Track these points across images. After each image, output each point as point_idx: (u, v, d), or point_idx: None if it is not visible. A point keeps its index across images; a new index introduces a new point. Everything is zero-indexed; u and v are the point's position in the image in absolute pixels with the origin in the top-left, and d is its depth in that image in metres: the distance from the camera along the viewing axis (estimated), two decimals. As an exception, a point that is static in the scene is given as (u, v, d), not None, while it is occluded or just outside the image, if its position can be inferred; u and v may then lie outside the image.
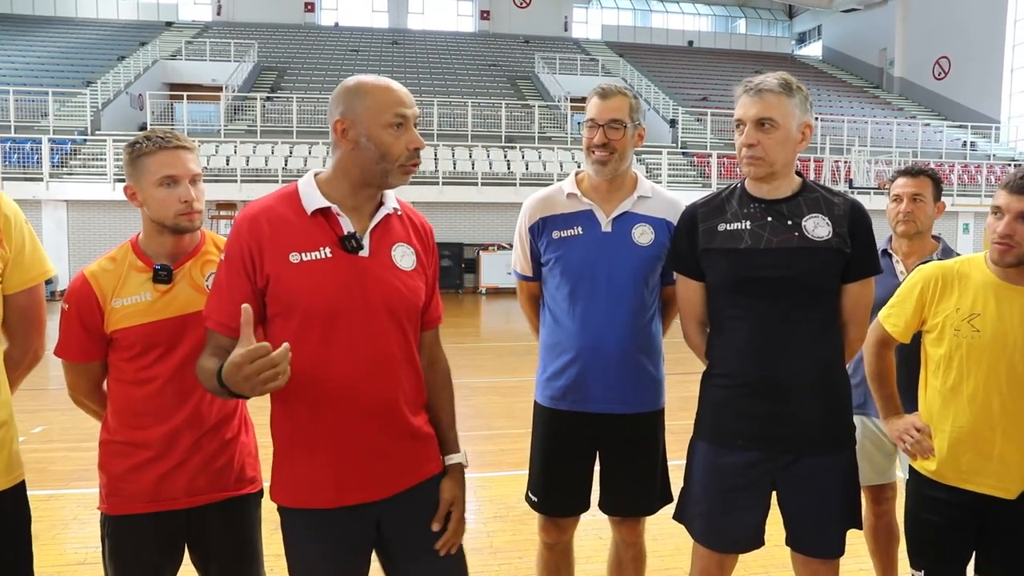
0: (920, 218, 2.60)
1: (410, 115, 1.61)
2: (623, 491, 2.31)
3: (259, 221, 1.60)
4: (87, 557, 3.39)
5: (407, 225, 1.73)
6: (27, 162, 16.60)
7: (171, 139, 1.83)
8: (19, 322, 1.82)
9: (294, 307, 1.58)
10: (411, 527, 1.70)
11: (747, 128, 1.90)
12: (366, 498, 1.63)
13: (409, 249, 1.69)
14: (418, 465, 1.71)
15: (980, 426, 1.91)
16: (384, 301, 1.61)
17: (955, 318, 1.95)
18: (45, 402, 6.14)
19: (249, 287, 1.59)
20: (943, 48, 28.43)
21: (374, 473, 1.63)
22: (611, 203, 2.24)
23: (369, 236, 1.63)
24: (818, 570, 1.99)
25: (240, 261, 1.59)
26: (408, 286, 1.66)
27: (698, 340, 2.12)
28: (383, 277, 1.62)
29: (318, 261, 1.57)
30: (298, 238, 1.58)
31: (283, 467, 1.66)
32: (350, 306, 1.58)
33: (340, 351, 1.58)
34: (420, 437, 1.72)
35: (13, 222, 1.77)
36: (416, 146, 1.61)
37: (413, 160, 1.62)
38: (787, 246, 1.92)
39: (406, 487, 1.68)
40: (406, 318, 1.66)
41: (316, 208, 1.60)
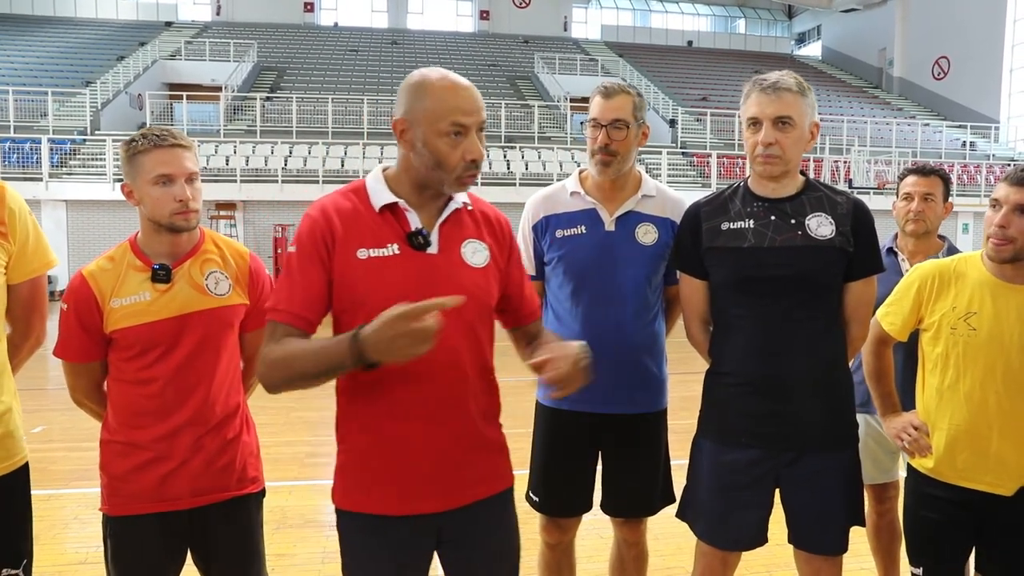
0: (930, 217, 2.60)
1: (470, 123, 1.51)
2: (625, 491, 2.31)
3: (330, 213, 1.55)
4: (88, 557, 3.39)
5: (479, 220, 1.66)
6: (26, 162, 16.60)
7: (167, 137, 1.82)
8: (22, 310, 1.87)
9: (360, 305, 1.52)
10: (472, 544, 1.63)
11: (765, 126, 1.89)
12: (429, 508, 1.57)
13: (481, 245, 1.62)
14: (487, 478, 1.64)
15: (977, 424, 1.92)
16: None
17: (951, 316, 1.95)
18: (45, 402, 6.15)
19: (324, 278, 1.53)
20: (942, 48, 28.45)
21: (439, 483, 1.56)
22: (615, 202, 2.24)
23: (437, 232, 1.57)
24: (821, 567, 1.99)
25: (315, 251, 1.53)
26: (479, 284, 1.59)
27: (701, 339, 2.12)
28: (452, 275, 1.56)
29: (385, 258, 1.53)
30: (366, 234, 1.54)
31: (346, 469, 1.60)
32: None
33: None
34: (492, 448, 1.65)
35: (18, 215, 1.80)
36: (473, 157, 1.52)
37: (470, 171, 1.53)
38: (790, 245, 1.92)
39: (472, 500, 1.60)
40: (477, 318, 1.58)
41: (383, 204, 1.56)
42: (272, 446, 5.10)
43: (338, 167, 17.84)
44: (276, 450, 5.12)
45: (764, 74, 1.94)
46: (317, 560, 3.37)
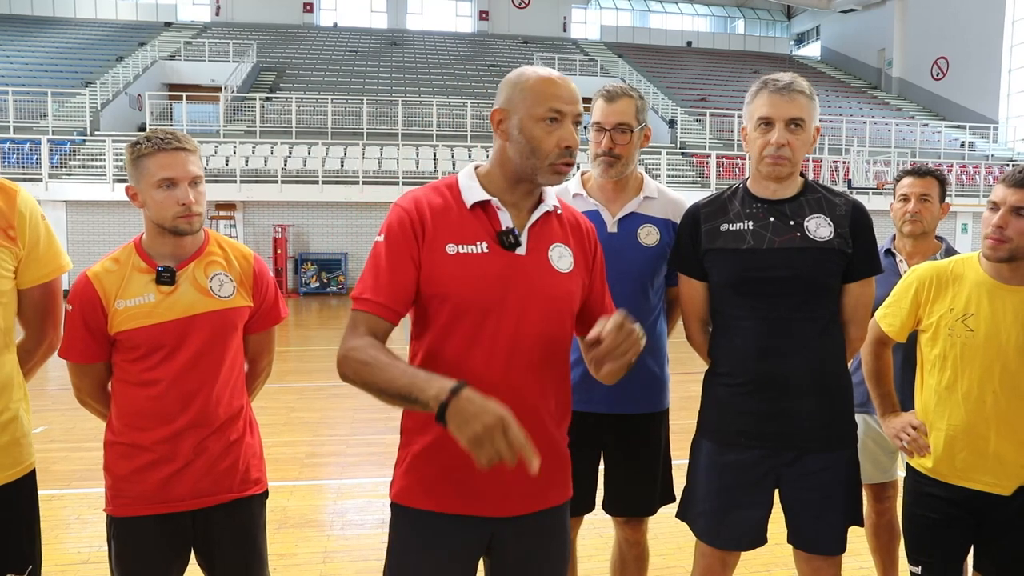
0: (927, 218, 2.62)
1: (567, 111, 1.52)
2: (627, 491, 2.32)
3: (422, 206, 1.55)
4: (90, 556, 3.40)
5: (567, 225, 1.65)
6: (26, 162, 16.58)
7: (171, 140, 1.82)
8: (35, 315, 1.86)
9: (446, 298, 1.52)
10: (522, 558, 1.60)
11: (778, 128, 1.89)
12: (485, 511, 1.55)
13: (567, 250, 1.61)
14: (548, 488, 1.60)
15: (975, 424, 1.93)
16: (537, 303, 1.54)
17: (949, 318, 1.97)
18: (46, 402, 6.15)
19: (412, 270, 1.52)
20: (941, 48, 28.46)
21: (499, 486, 1.53)
22: (617, 204, 2.25)
23: (527, 233, 1.57)
24: (820, 567, 2.00)
25: (405, 243, 1.52)
26: (564, 289, 1.58)
27: (701, 340, 2.13)
28: (538, 278, 1.55)
29: (474, 255, 1.52)
30: (456, 230, 1.53)
31: (411, 464, 1.58)
32: (501, 304, 1.51)
33: (484, 350, 1.51)
34: (558, 455, 1.62)
35: (28, 219, 1.78)
36: (568, 144, 1.52)
37: (564, 159, 1.52)
38: (789, 246, 1.93)
39: (529, 511, 1.58)
40: (557, 323, 1.57)
41: (476, 201, 1.56)
42: (273, 446, 5.10)
43: (337, 167, 17.84)
44: (277, 450, 5.13)
45: (772, 74, 1.93)
46: (318, 560, 3.38)
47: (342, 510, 4.06)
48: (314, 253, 17.63)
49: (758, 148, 1.93)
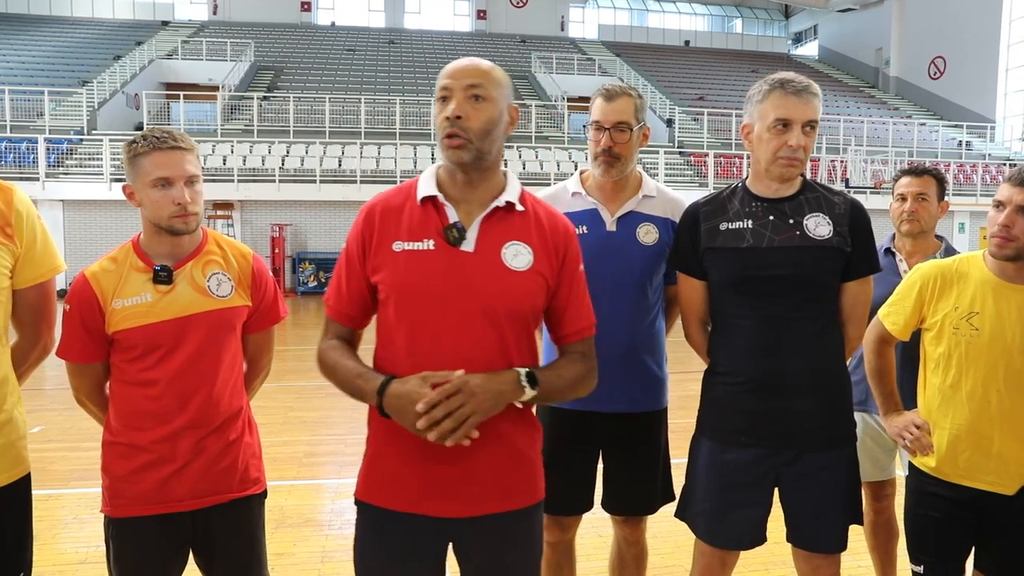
0: (924, 217, 2.62)
1: (454, 86, 1.51)
2: (626, 490, 2.32)
3: (374, 211, 1.60)
4: (87, 556, 3.39)
5: (531, 223, 1.59)
6: (23, 162, 16.55)
7: (167, 139, 1.80)
8: (29, 316, 1.84)
9: (389, 296, 1.55)
10: (484, 558, 1.59)
11: (796, 130, 1.87)
12: (441, 512, 1.55)
13: (524, 248, 1.56)
14: (509, 492, 1.58)
15: (979, 423, 1.93)
16: (481, 301, 1.51)
17: (954, 316, 1.97)
18: (43, 402, 6.14)
19: (362, 277, 1.59)
20: (939, 48, 28.50)
21: (455, 488, 1.54)
22: (616, 202, 2.25)
23: (477, 229, 1.54)
24: (820, 565, 2.00)
25: (357, 252, 1.60)
26: (516, 288, 1.53)
27: (699, 339, 2.13)
28: (485, 275, 1.52)
29: (419, 252, 1.52)
30: (405, 227, 1.55)
31: (368, 461, 1.62)
32: (442, 303, 1.50)
33: (429, 350, 1.50)
34: (519, 460, 1.60)
35: (25, 218, 1.78)
36: (446, 115, 1.51)
37: (447, 131, 1.51)
38: (789, 245, 1.93)
39: (489, 512, 1.56)
40: (508, 324, 1.53)
41: (424, 196, 1.56)
42: (271, 446, 5.09)
43: (335, 167, 17.83)
44: (275, 450, 5.12)
45: (783, 75, 1.91)
46: (316, 559, 3.37)
47: (340, 509, 4.05)
48: (312, 252, 17.62)
49: (772, 149, 1.91)
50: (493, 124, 1.54)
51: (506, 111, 1.58)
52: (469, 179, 1.57)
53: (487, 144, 1.54)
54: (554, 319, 1.65)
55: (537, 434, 1.67)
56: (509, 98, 1.59)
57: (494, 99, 1.54)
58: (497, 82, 1.56)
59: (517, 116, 1.63)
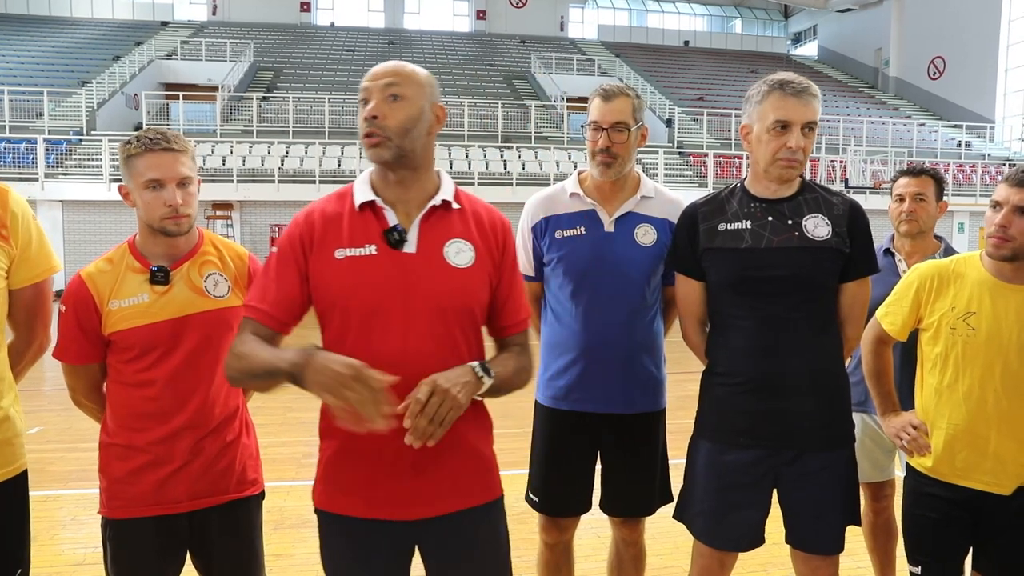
0: (923, 217, 2.62)
1: (372, 87, 1.54)
2: (624, 491, 2.31)
3: (312, 217, 1.58)
4: (85, 558, 3.38)
5: (469, 220, 1.62)
6: (22, 162, 16.53)
7: (159, 140, 1.80)
8: (25, 316, 1.85)
9: (334, 305, 1.54)
10: (446, 557, 1.60)
11: (796, 132, 1.87)
12: (398, 516, 1.56)
13: (466, 245, 1.58)
14: (467, 490, 1.59)
15: (976, 423, 1.93)
16: (428, 301, 1.52)
17: (951, 316, 1.97)
18: (42, 403, 6.13)
19: (297, 281, 1.56)
20: (938, 48, 28.52)
21: (411, 491, 1.55)
22: (614, 203, 2.25)
23: (417, 230, 1.56)
24: (818, 567, 2.00)
25: (292, 254, 1.56)
26: (461, 285, 1.55)
27: (697, 339, 2.12)
28: (429, 275, 1.53)
29: (362, 258, 1.52)
30: (345, 234, 1.55)
31: (323, 469, 1.62)
32: (389, 306, 1.50)
33: (378, 355, 1.48)
34: (474, 457, 1.61)
35: (20, 219, 1.78)
36: (363, 116, 1.54)
37: (366, 131, 1.53)
38: (787, 246, 1.93)
39: (447, 511, 1.57)
40: (456, 321, 1.55)
41: (362, 202, 1.56)
42: (269, 447, 5.09)
43: (334, 167, 17.82)
44: (273, 450, 5.12)
45: (782, 75, 1.91)
46: (315, 560, 3.31)
47: (339, 510, 4.04)
48: (311, 253, 17.59)
49: (771, 150, 1.90)
50: (412, 122, 1.55)
51: (429, 110, 1.58)
52: (400, 179, 1.58)
53: (407, 142, 1.55)
54: (494, 312, 1.66)
55: (489, 430, 1.69)
56: (432, 97, 1.59)
57: (411, 98, 1.55)
58: (416, 82, 1.57)
59: (444, 115, 1.63)
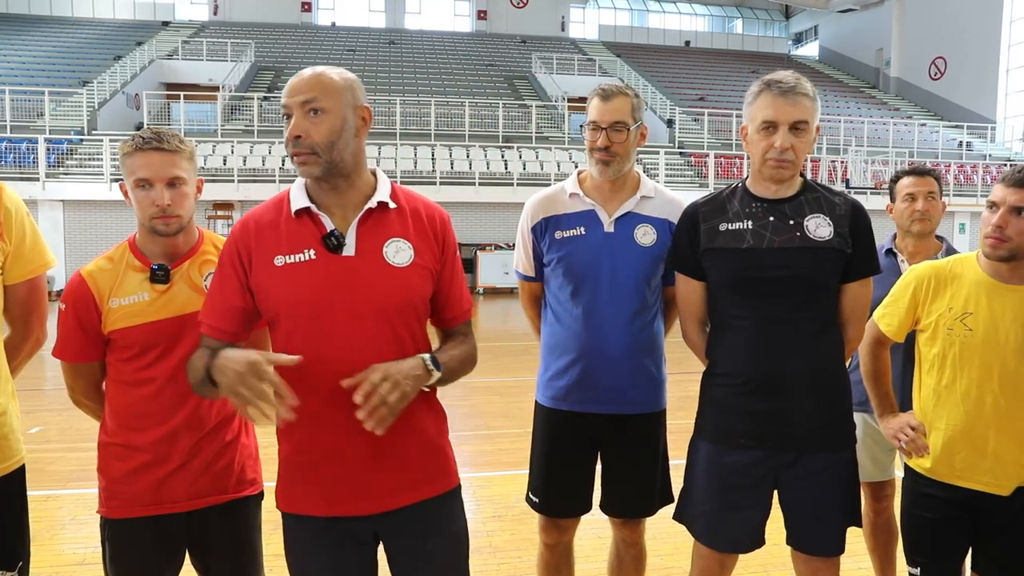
0: (934, 216, 2.61)
1: (292, 103, 1.54)
2: (624, 492, 2.31)
3: (248, 227, 1.61)
4: (85, 557, 3.38)
5: (407, 218, 1.64)
6: (23, 162, 16.54)
7: (151, 140, 1.80)
8: (20, 311, 1.86)
9: (278, 312, 1.57)
10: (407, 548, 1.64)
11: (782, 131, 1.87)
12: (356, 511, 1.59)
13: (405, 243, 1.60)
14: (420, 482, 1.63)
15: (974, 424, 1.93)
16: (370, 302, 1.55)
17: (948, 317, 1.96)
18: (42, 402, 6.13)
19: (238, 291, 1.60)
20: (939, 48, 28.50)
21: (366, 487, 1.58)
22: (614, 203, 2.24)
23: (355, 233, 1.57)
24: (819, 568, 1.99)
25: (231, 266, 1.60)
26: (401, 283, 1.58)
27: (698, 340, 2.12)
28: (370, 276, 1.56)
29: (301, 263, 1.55)
30: (283, 241, 1.57)
31: (283, 471, 1.66)
32: (331, 309, 1.53)
33: (325, 356, 1.53)
34: (426, 451, 1.65)
35: (14, 215, 1.79)
36: (289, 136, 1.54)
37: (292, 150, 1.55)
38: (789, 246, 1.92)
39: (403, 504, 1.61)
40: (400, 319, 1.58)
41: (298, 208, 1.58)
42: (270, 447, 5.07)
43: (335, 167, 17.79)
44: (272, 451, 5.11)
45: (774, 74, 1.91)
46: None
47: (339, 510, 4.04)
48: (312, 252, 17.58)
49: (761, 151, 1.91)
50: (335, 134, 1.55)
51: (352, 116, 1.58)
52: (333, 186, 1.60)
53: (335, 154, 1.56)
54: (438, 305, 1.70)
55: (444, 420, 1.72)
56: (354, 101, 1.59)
57: (331, 109, 1.55)
58: (334, 91, 1.57)
59: (369, 116, 1.63)
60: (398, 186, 1.70)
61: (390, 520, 1.61)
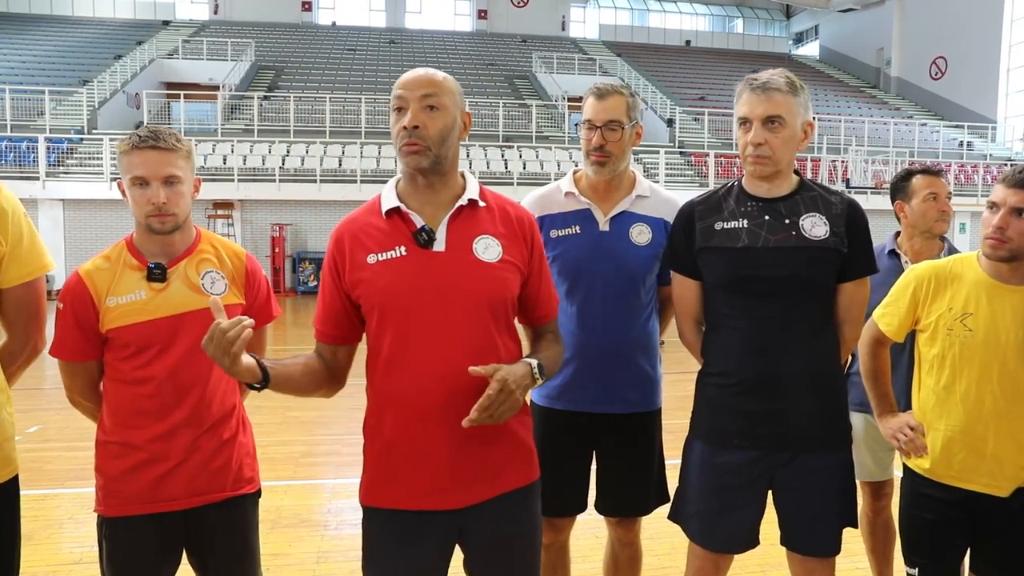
0: (950, 216, 2.60)
1: (408, 96, 1.59)
2: (620, 491, 2.30)
3: (343, 232, 1.67)
4: (82, 557, 3.38)
5: (495, 216, 1.69)
6: (23, 161, 16.55)
7: (148, 138, 1.80)
8: (17, 316, 1.83)
9: (373, 307, 1.62)
10: (487, 543, 1.66)
11: (754, 126, 1.88)
12: (444, 505, 1.61)
13: (494, 241, 1.65)
14: (505, 473, 1.66)
15: (973, 425, 1.92)
16: (462, 296, 1.58)
17: (948, 317, 1.96)
18: (40, 402, 6.13)
19: (337, 295, 1.67)
20: (940, 48, 28.47)
21: (454, 480, 1.60)
22: (609, 202, 2.24)
23: (445, 230, 1.62)
24: (814, 569, 1.98)
25: (330, 273, 1.68)
26: (492, 278, 1.62)
27: (694, 339, 2.11)
28: (461, 271, 1.59)
29: (393, 260, 1.60)
30: (375, 240, 1.62)
31: (370, 466, 1.67)
32: (423, 302, 1.57)
33: (417, 350, 1.57)
34: (511, 440, 1.67)
35: (11, 216, 1.77)
36: (403, 125, 1.58)
37: (405, 140, 1.58)
38: (784, 245, 1.92)
39: (489, 497, 1.63)
40: (491, 313, 1.62)
41: (389, 208, 1.63)
42: (267, 446, 5.09)
43: (335, 166, 17.82)
44: (272, 450, 5.12)
45: (757, 73, 1.93)
46: (312, 560, 3.36)
47: (337, 510, 4.05)
48: (312, 252, 17.60)
49: (740, 147, 1.94)
50: (448, 131, 1.63)
51: (459, 117, 1.66)
52: (430, 183, 1.65)
53: (444, 149, 1.63)
54: (527, 303, 1.75)
55: (529, 418, 1.77)
56: (462, 105, 1.68)
57: (447, 107, 1.62)
58: (450, 91, 1.64)
59: (470, 122, 1.71)
60: (486, 188, 1.74)
61: (473, 514, 1.63)
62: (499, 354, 1.62)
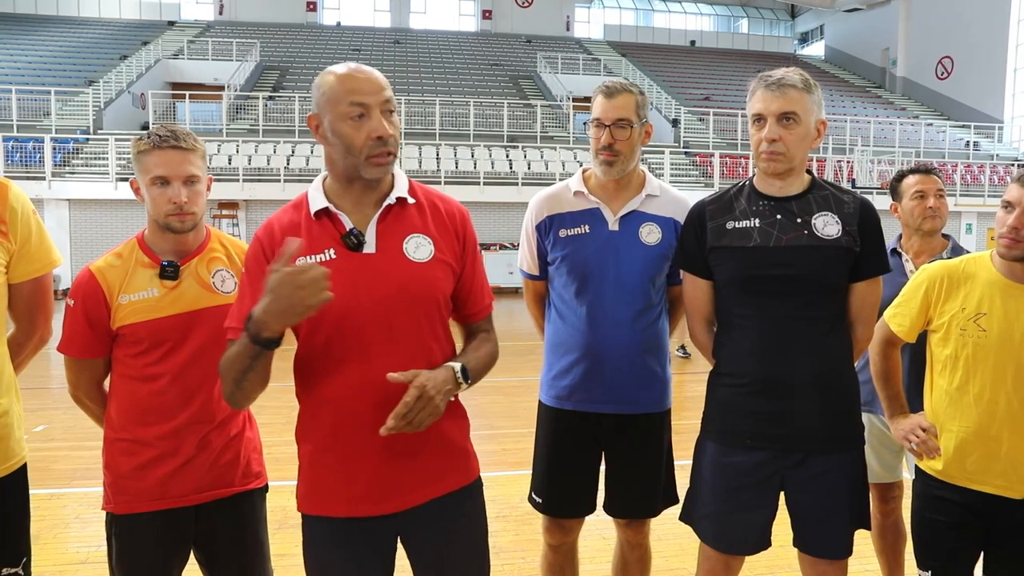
0: (943, 213, 2.60)
1: (371, 102, 1.51)
2: (629, 493, 2.29)
3: (272, 230, 1.60)
4: (89, 556, 3.39)
5: (426, 213, 1.64)
6: (29, 161, 16.62)
7: (168, 138, 1.82)
8: (25, 308, 1.86)
9: None
10: (429, 543, 1.64)
11: (769, 123, 1.87)
12: (380, 511, 1.58)
13: (425, 239, 1.60)
14: (442, 476, 1.63)
15: (987, 426, 1.90)
16: (393, 298, 1.55)
17: (961, 318, 1.94)
18: (47, 401, 6.15)
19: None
20: (946, 48, 28.40)
21: (389, 485, 1.57)
22: (618, 202, 2.23)
23: (374, 231, 1.57)
24: (826, 571, 1.97)
25: (257, 269, 1.57)
26: (424, 279, 1.58)
27: (705, 339, 2.10)
28: (391, 273, 1.55)
29: (322, 264, 1.53)
30: (305, 242, 1.56)
31: (304, 472, 1.63)
32: (355, 306, 1.52)
33: (349, 355, 1.53)
34: (447, 447, 1.64)
35: (20, 214, 1.79)
36: (378, 134, 1.50)
37: (379, 149, 1.51)
38: (796, 244, 1.91)
39: (425, 500, 1.61)
40: (424, 314, 1.58)
41: (318, 209, 1.58)
42: (274, 445, 5.05)
43: (340, 166, 17.82)
44: (278, 450, 5.09)
45: (769, 71, 1.92)
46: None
47: (343, 510, 4.03)
48: (316, 252, 17.61)
49: (754, 144, 1.93)
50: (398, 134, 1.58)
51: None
52: (366, 183, 1.59)
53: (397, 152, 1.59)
54: (460, 300, 1.69)
55: (463, 418, 1.72)
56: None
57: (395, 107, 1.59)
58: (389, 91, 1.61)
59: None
60: (415, 183, 1.69)
61: (410, 518, 1.60)
62: (433, 355, 1.58)
